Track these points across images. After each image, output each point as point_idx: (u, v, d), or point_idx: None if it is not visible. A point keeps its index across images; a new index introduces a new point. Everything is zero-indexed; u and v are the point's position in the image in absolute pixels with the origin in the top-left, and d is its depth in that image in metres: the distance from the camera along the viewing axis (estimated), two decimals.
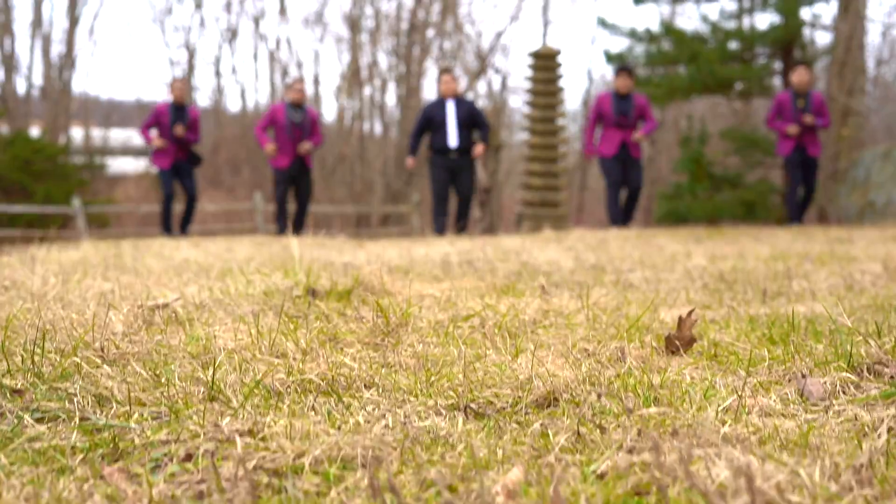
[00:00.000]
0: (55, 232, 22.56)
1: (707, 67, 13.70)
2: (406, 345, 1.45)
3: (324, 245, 7.27)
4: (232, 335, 1.48)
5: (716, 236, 7.72)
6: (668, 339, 1.45)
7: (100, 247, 6.52)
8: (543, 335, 1.62)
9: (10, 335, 1.46)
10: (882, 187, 14.47)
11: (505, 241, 6.37)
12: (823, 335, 1.61)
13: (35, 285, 1.98)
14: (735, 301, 2.19)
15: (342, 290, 2.03)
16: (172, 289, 2.14)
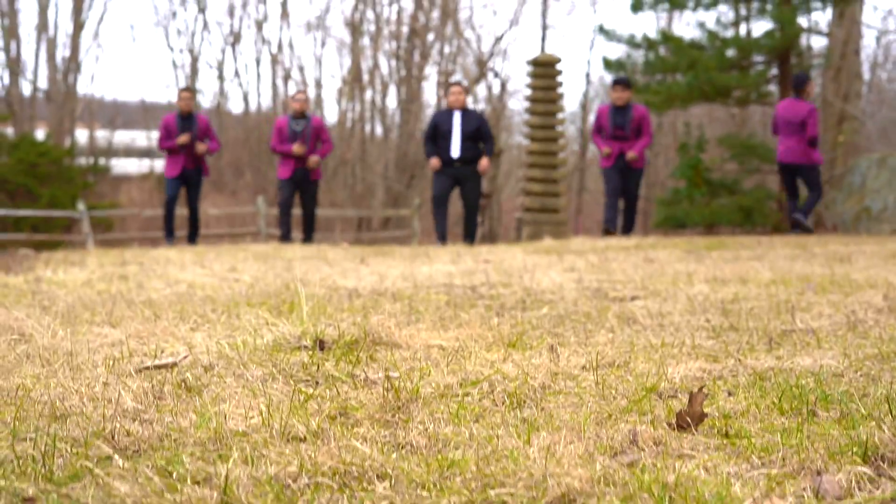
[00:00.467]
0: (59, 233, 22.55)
1: (705, 75, 13.68)
2: (417, 421, 1.43)
3: (326, 257, 7.25)
4: (243, 413, 1.46)
5: (715, 248, 7.70)
6: (679, 416, 1.43)
7: (104, 262, 6.49)
8: (553, 403, 1.60)
9: (20, 416, 1.44)
10: (878, 194, 14.45)
11: (506, 256, 6.35)
12: (833, 403, 1.59)
13: (44, 340, 1.96)
14: (741, 350, 2.17)
15: (349, 341, 2.01)
16: (180, 338, 2.11)
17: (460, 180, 11.60)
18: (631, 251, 7.78)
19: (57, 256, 8.34)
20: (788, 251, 6.81)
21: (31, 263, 6.79)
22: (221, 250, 9.32)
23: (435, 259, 6.70)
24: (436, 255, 7.27)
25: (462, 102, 11.55)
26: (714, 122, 23.81)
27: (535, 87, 14.38)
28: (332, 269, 5.39)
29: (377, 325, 2.05)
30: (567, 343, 2.21)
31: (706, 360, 2.01)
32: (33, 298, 3.58)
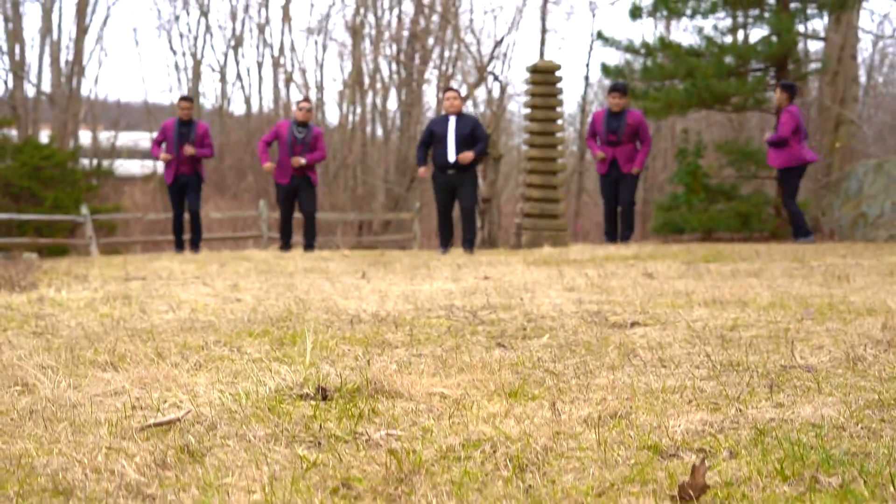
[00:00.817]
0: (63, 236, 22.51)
1: (703, 83, 13.67)
2: (420, 494, 1.41)
3: (326, 270, 7.23)
4: (246, 485, 1.45)
5: (714, 259, 7.69)
6: (681, 489, 1.42)
7: (107, 275, 6.48)
8: (555, 467, 1.58)
9: (22, 491, 1.42)
10: (874, 199, 14.45)
11: (506, 271, 6.33)
12: (835, 465, 1.57)
13: (47, 391, 1.94)
14: (742, 395, 2.16)
15: (352, 388, 2.00)
16: (183, 385, 2.10)
17: (456, 186, 11.64)
18: (630, 262, 7.77)
19: (61, 266, 8.34)
20: (786, 265, 6.79)
21: (34, 277, 6.78)
22: (224, 259, 9.31)
23: (435, 273, 6.69)
24: (436, 268, 7.26)
25: (458, 108, 11.58)
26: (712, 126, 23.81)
27: (535, 93, 14.34)
28: (333, 286, 5.37)
29: (379, 372, 2.04)
30: (568, 387, 2.19)
31: (707, 410, 1.99)
32: (36, 325, 3.56)
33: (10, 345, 2.85)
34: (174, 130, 11.48)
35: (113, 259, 10.85)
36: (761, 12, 14.80)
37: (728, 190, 14.77)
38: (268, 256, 10.20)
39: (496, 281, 5.46)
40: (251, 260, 9.40)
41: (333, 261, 9.47)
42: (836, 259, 7.12)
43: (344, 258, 10.13)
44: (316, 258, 9.75)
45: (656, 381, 2.33)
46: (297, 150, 11.33)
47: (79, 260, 10.37)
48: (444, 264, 8.19)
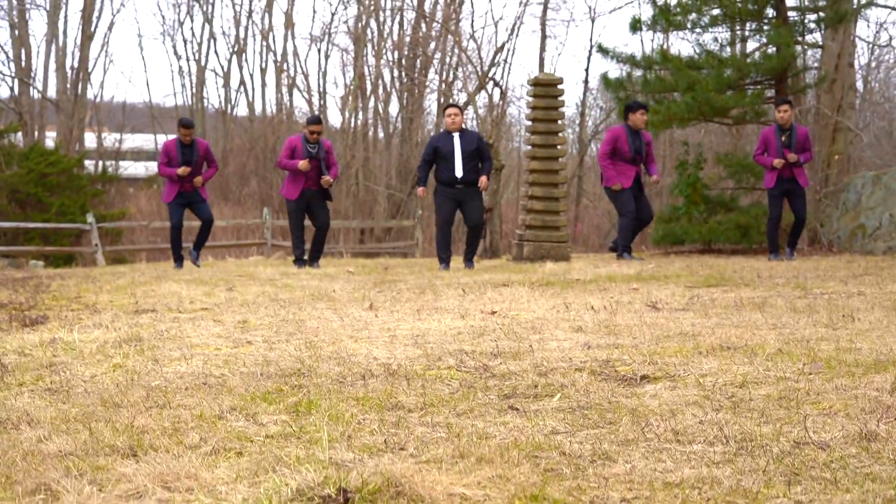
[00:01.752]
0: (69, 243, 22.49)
1: (704, 96, 13.66)
2: None
3: (333, 296, 7.20)
4: None
5: (716, 284, 7.67)
6: None
7: (116, 303, 6.46)
8: None
9: None
10: (872, 211, 14.44)
11: (512, 299, 6.31)
12: None
13: (71, 499, 1.93)
14: (759, 490, 2.15)
15: (373, 489, 1.99)
16: (204, 485, 2.08)
17: (462, 201, 11.67)
18: (632, 285, 7.75)
19: (69, 289, 8.31)
20: (788, 292, 6.78)
21: (43, 304, 6.76)
22: (230, 278, 9.28)
23: (442, 299, 6.66)
24: (442, 293, 7.23)
25: (459, 124, 11.61)
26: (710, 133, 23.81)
27: (537, 107, 14.33)
28: (342, 320, 5.36)
29: (399, 471, 2.03)
30: (587, 482, 2.18)
31: None
32: (51, 382, 3.55)
33: (27, 418, 2.83)
34: (177, 151, 11.49)
35: (119, 274, 10.84)
36: (760, 26, 14.80)
37: (728, 201, 14.76)
38: (274, 274, 10.18)
39: (503, 317, 5.43)
40: (257, 279, 9.38)
41: (339, 280, 9.46)
42: (838, 286, 7.10)
43: (349, 276, 10.12)
44: (321, 277, 9.73)
45: (673, 468, 2.32)
46: (312, 164, 11.35)
47: (86, 277, 10.35)
48: (448, 286, 8.17)
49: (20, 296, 8.16)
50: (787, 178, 11.47)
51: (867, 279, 7.67)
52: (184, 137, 11.50)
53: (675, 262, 11.15)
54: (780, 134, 11.47)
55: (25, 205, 24.05)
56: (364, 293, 7.49)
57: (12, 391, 3.43)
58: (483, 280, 9.03)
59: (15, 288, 9.07)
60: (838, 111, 22.70)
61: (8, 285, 9.81)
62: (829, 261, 11.17)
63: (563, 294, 7.05)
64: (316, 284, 8.71)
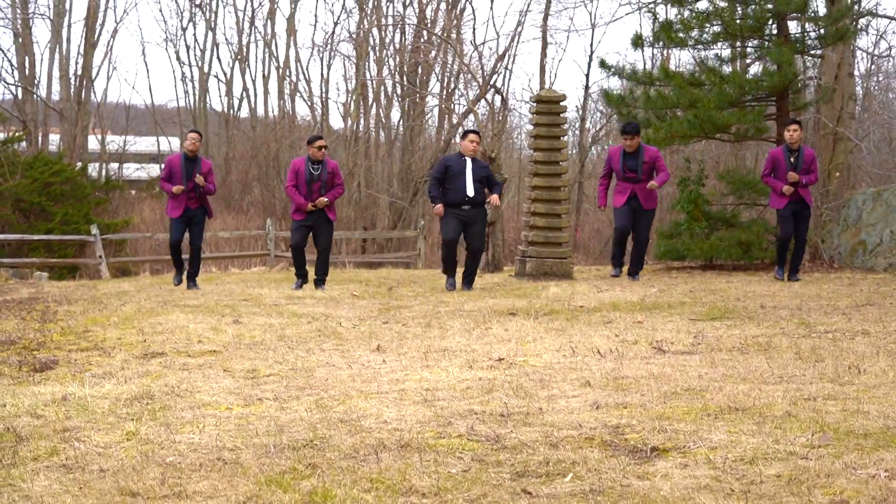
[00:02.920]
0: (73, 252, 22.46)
1: (706, 114, 13.66)
2: None
3: (340, 333, 7.19)
4: None
5: (720, 317, 7.67)
6: None
7: (126, 348, 6.46)
8: None
9: None
10: (873, 228, 14.44)
11: (518, 340, 6.31)
12: None
13: None
14: None
15: None
16: None
17: (468, 223, 11.70)
18: (636, 318, 7.74)
19: (77, 323, 8.31)
20: (792, 329, 6.78)
21: (51, 342, 6.76)
22: (235, 305, 9.27)
23: (448, 337, 6.65)
24: (448, 330, 7.22)
25: (475, 152, 11.63)
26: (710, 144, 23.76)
27: (539, 123, 14.34)
28: (350, 368, 5.36)
29: None
30: None
31: None
32: (66, 457, 3.56)
33: None
34: (181, 166, 11.49)
35: (125, 296, 10.82)
36: (762, 44, 14.79)
37: (729, 217, 14.76)
38: (279, 298, 10.16)
39: (510, 364, 5.43)
40: (262, 305, 9.38)
41: (343, 305, 9.45)
42: (842, 321, 7.09)
43: (353, 300, 10.11)
44: (327, 302, 9.72)
45: None
46: (315, 187, 11.34)
47: (92, 301, 10.34)
48: (453, 315, 8.16)
49: (28, 325, 8.17)
50: (796, 200, 11.47)
51: (870, 312, 7.66)
52: (190, 143, 11.50)
53: (677, 283, 11.15)
54: (788, 155, 11.48)
55: (29, 214, 24.06)
56: (370, 326, 7.48)
57: (27, 468, 3.43)
58: (487, 307, 9.02)
59: (22, 315, 9.07)
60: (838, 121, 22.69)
61: (14, 310, 9.82)
62: (830, 283, 11.17)
63: (569, 330, 7.05)
64: (321, 313, 8.71)
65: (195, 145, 11.58)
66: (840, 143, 23.03)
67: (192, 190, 11.46)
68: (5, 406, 4.46)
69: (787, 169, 11.41)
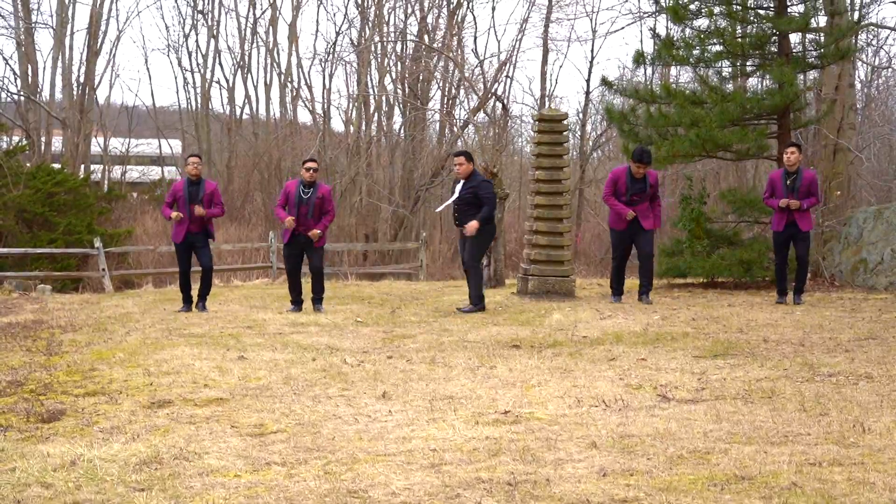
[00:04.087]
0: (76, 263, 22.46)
1: (707, 134, 13.67)
2: None
3: (345, 374, 7.20)
4: None
5: (723, 354, 7.68)
6: None
7: (133, 392, 6.46)
8: None
9: None
10: (874, 246, 14.45)
11: (521, 380, 6.31)
12: None
13: None
14: None
15: None
16: None
17: (463, 241, 11.85)
18: (641, 354, 7.74)
19: (84, 359, 8.31)
20: (795, 372, 6.78)
21: (57, 383, 6.76)
22: (238, 334, 9.28)
23: (452, 379, 6.65)
24: (453, 364, 7.22)
25: (464, 173, 11.64)
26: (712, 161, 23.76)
27: (542, 142, 14.35)
28: (357, 422, 5.36)
29: None
30: None
31: None
32: None
33: None
34: (184, 191, 11.54)
35: (129, 322, 10.83)
36: (763, 62, 14.79)
37: (730, 236, 14.77)
38: (282, 325, 10.15)
39: (515, 421, 5.43)
40: (266, 334, 9.38)
41: (347, 334, 9.45)
42: (845, 362, 7.09)
43: (357, 326, 10.11)
44: (331, 330, 9.70)
45: None
46: (303, 210, 11.39)
47: (97, 328, 10.35)
48: (456, 348, 8.15)
49: (34, 359, 8.17)
50: (793, 223, 11.47)
51: (872, 350, 7.66)
52: (192, 167, 11.57)
53: (680, 308, 11.13)
54: (786, 177, 11.48)
55: (33, 224, 24.06)
56: (374, 363, 7.48)
57: None
58: (490, 337, 9.02)
59: (27, 345, 9.07)
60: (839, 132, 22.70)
61: (20, 337, 9.82)
62: (832, 307, 11.16)
63: (573, 370, 7.05)
64: (325, 344, 8.72)
65: (197, 169, 11.63)
66: (840, 154, 23.05)
67: (196, 216, 11.51)
68: (14, 471, 4.46)
69: (784, 192, 11.41)
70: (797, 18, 13.94)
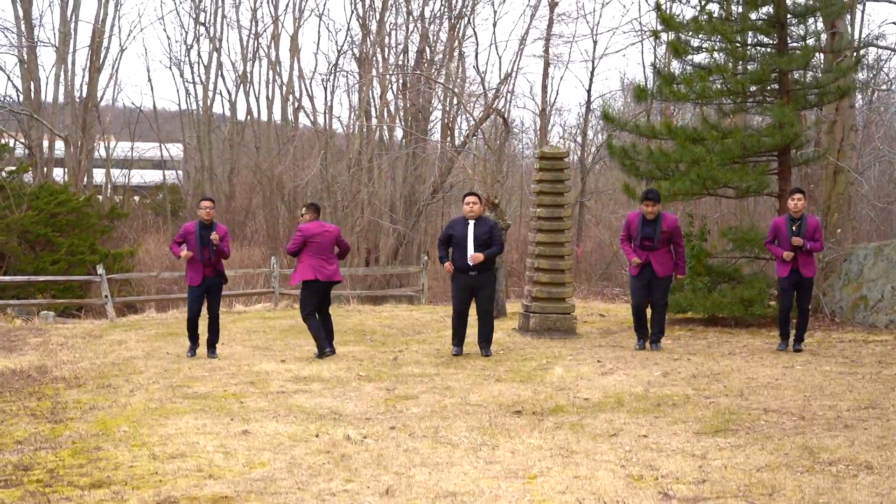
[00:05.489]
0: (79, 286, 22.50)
1: (708, 173, 13.69)
2: None
3: (346, 453, 7.22)
4: None
5: (722, 432, 7.69)
6: None
7: (138, 496, 6.49)
8: None
9: None
10: (874, 283, 14.48)
11: (523, 469, 6.33)
12: None
13: None
14: None
15: None
16: None
17: (475, 288, 11.82)
18: (640, 421, 7.77)
19: (86, 411, 8.34)
20: (795, 458, 6.80)
21: (65, 471, 6.79)
22: (245, 396, 9.30)
23: (455, 465, 6.67)
24: (455, 438, 7.23)
25: (477, 213, 11.70)
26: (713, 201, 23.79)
27: (543, 180, 14.39)
28: None
29: None
30: None
31: None
32: None
33: None
34: (196, 233, 11.64)
35: (132, 376, 10.86)
36: (763, 100, 14.79)
37: (731, 272, 14.79)
38: (286, 380, 10.17)
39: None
40: (268, 394, 9.41)
41: (350, 393, 9.48)
42: (845, 447, 7.10)
43: (359, 383, 10.13)
44: (333, 388, 9.72)
45: None
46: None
47: (101, 384, 10.38)
48: (458, 414, 8.17)
49: (39, 429, 8.19)
50: (796, 269, 11.48)
51: (873, 428, 7.66)
52: (204, 212, 11.67)
53: (681, 361, 11.09)
54: (790, 223, 11.47)
55: (35, 245, 24.09)
56: (378, 440, 7.50)
57: None
58: (492, 400, 9.04)
59: (32, 408, 9.08)
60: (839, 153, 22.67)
61: (24, 394, 9.86)
62: (832, 357, 11.17)
63: (575, 453, 7.07)
64: (328, 408, 8.75)
65: (210, 213, 11.72)
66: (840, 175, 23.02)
67: (209, 258, 11.60)
68: None
69: (788, 237, 11.41)
70: (798, 57, 13.94)
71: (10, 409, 9.10)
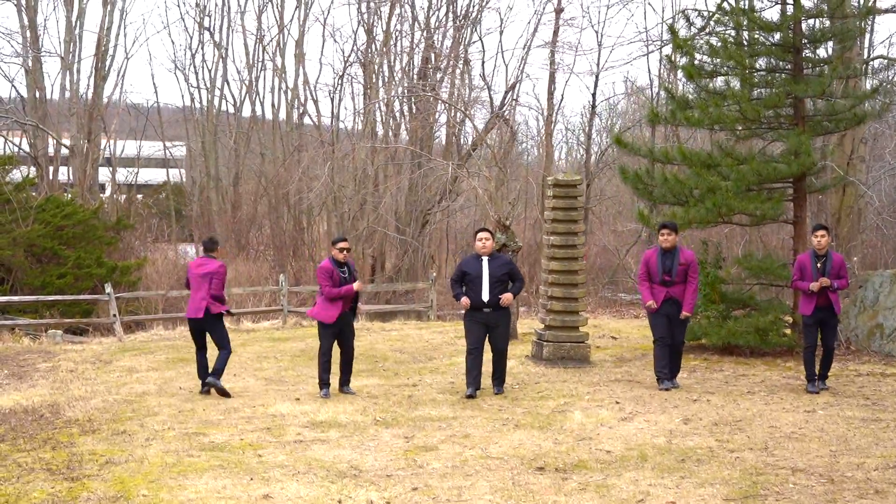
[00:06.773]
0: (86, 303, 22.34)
1: (724, 201, 13.51)
2: None
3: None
4: None
5: (749, 495, 7.54)
6: None
7: None
8: None
9: None
10: (890, 311, 14.32)
11: None
12: None
13: None
14: None
15: None
16: None
17: (491, 326, 11.66)
18: (666, 482, 7.60)
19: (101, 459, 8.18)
20: None
21: None
22: (262, 450, 9.14)
23: None
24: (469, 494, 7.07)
25: (489, 249, 11.55)
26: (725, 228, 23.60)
27: (556, 207, 14.23)
28: None
29: None
30: None
31: None
32: None
33: None
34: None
35: (151, 435, 10.70)
36: (778, 126, 14.60)
37: (745, 299, 14.62)
38: (303, 427, 10.00)
39: None
40: (285, 444, 9.24)
41: (367, 442, 9.31)
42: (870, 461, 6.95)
43: (377, 429, 9.96)
44: (351, 437, 9.55)
45: None
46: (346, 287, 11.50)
47: (114, 431, 10.22)
48: (479, 470, 8.00)
49: (56, 489, 8.03)
50: (823, 307, 11.28)
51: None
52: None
53: (701, 403, 10.93)
54: (815, 260, 11.28)
55: (42, 258, 23.93)
56: (400, 498, 7.35)
57: None
58: (513, 451, 8.88)
59: (47, 462, 8.91)
60: (848, 165, 22.47)
61: (38, 442, 9.69)
62: (854, 403, 10.99)
63: None
64: (347, 462, 8.59)
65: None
66: (850, 188, 22.84)
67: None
68: None
69: (814, 274, 11.21)
70: (814, 83, 13.74)
71: (25, 462, 8.93)
